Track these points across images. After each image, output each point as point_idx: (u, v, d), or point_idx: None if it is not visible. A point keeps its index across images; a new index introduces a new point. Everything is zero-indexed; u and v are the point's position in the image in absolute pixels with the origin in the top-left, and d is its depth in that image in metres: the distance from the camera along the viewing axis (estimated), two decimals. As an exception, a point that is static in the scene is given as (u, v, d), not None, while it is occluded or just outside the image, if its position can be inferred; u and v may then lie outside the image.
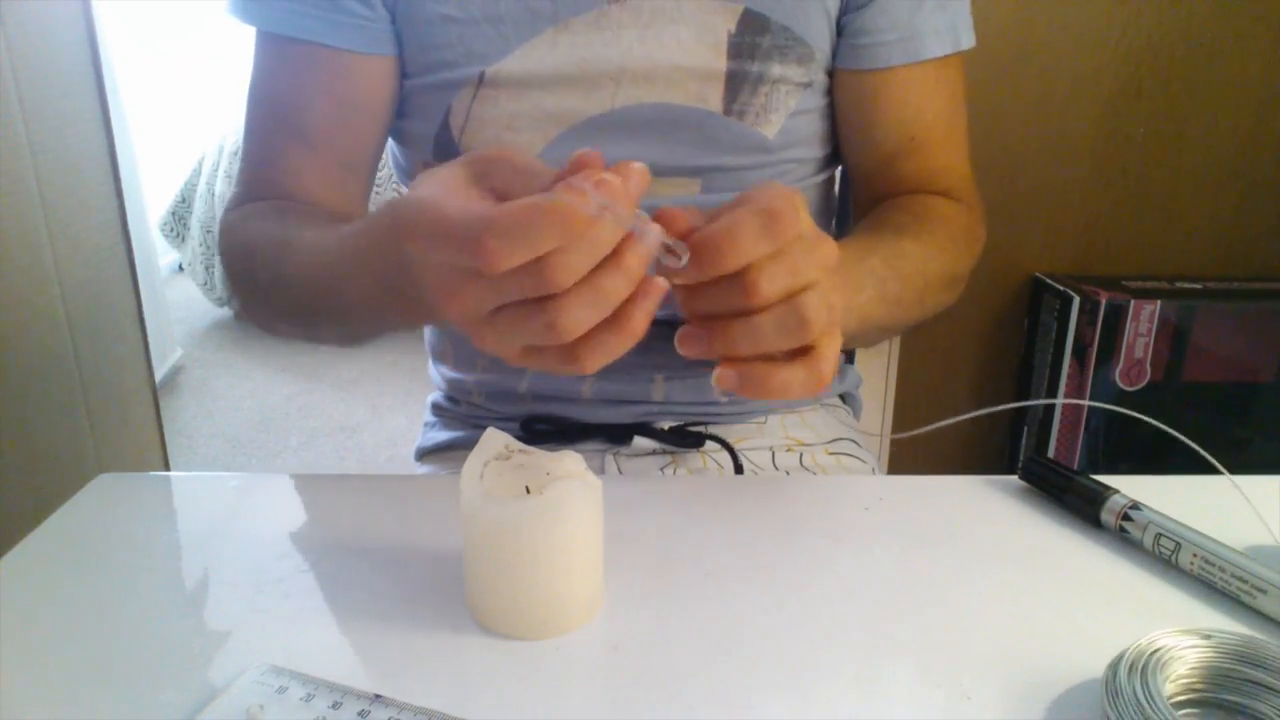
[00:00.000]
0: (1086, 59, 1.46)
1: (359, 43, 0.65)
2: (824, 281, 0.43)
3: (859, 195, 0.75)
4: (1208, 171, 1.51)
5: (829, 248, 0.43)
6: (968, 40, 0.70)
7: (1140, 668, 0.37)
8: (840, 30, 0.68)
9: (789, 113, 0.67)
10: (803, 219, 0.42)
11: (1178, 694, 0.39)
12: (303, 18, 0.64)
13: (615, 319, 0.39)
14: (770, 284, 0.41)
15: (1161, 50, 1.45)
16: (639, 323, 0.40)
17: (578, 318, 0.38)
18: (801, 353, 0.44)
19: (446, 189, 0.40)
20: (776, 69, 0.65)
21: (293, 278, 0.58)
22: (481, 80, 0.64)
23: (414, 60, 0.66)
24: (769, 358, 0.44)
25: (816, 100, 0.69)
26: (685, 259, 0.40)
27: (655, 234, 0.39)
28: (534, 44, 0.64)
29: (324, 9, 0.64)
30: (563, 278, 0.37)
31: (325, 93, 0.66)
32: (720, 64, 0.65)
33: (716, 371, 0.44)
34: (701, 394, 0.72)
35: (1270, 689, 0.38)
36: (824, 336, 0.43)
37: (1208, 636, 0.39)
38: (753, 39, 0.65)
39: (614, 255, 0.38)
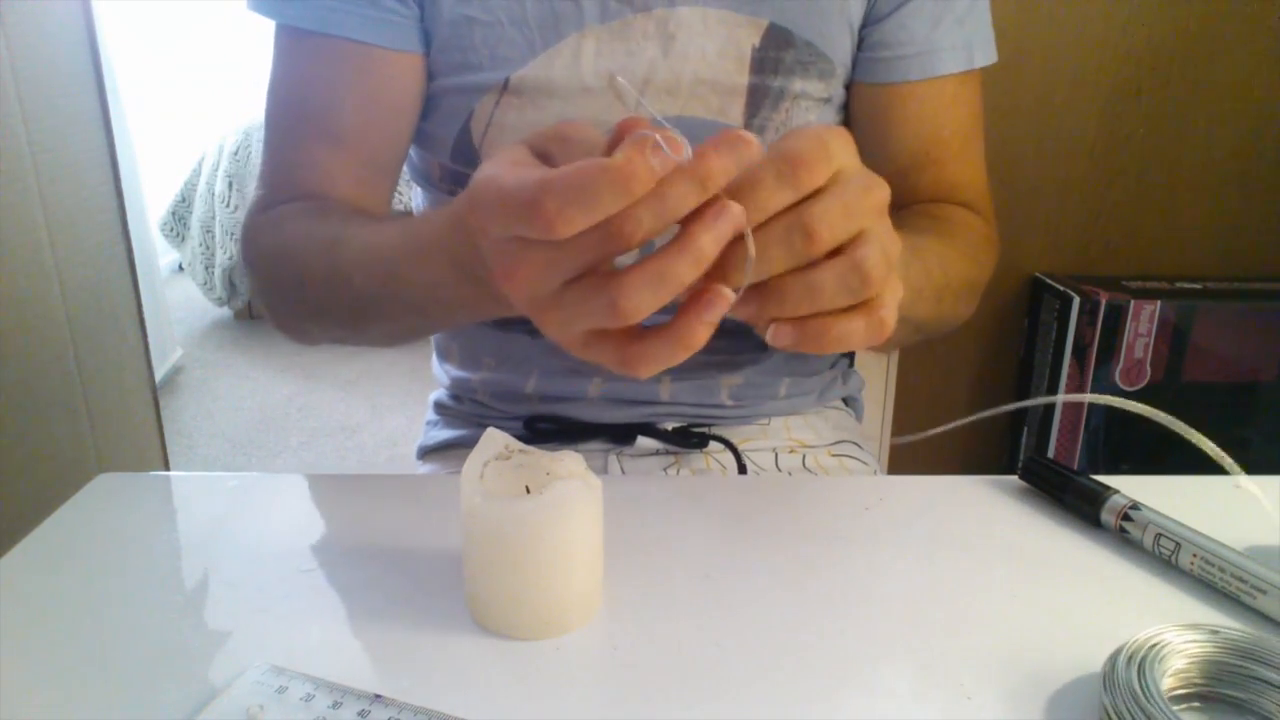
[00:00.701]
0: (1086, 59, 1.46)
1: (389, 38, 0.64)
2: (878, 226, 0.40)
3: None
4: (1208, 171, 1.51)
5: (882, 190, 0.40)
6: (983, 58, 0.69)
7: (1139, 660, 0.37)
8: (860, 43, 0.67)
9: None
10: (842, 160, 0.39)
11: (1177, 687, 0.39)
12: (332, 12, 0.63)
13: (675, 329, 0.37)
14: (826, 227, 0.37)
15: (1161, 50, 1.45)
16: (700, 335, 0.38)
17: (640, 299, 0.36)
18: (861, 303, 0.40)
19: (508, 163, 0.39)
20: (798, 84, 0.65)
21: (350, 273, 0.56)
22: (506, 86, 0.64)
23: (438, 61, 0.65)
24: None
25: (833, 116, 0.69)
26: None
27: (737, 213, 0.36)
28: (558, 49, 0.63)
29: (354, 3, 0.63)
30: (631, 231, 0.35)
31: (354, 89, 0.65)
32: (743, 78, 0.64)
33: (771, 329, 0.40)
34: (708, 395, 0.72)
35: (1271, 684, 0.38)
36: (884, 285, 0.40)
37: (1210, 631, 0.39)
38: (776, 54, 0.64)
39: (683, 234, 0.36)
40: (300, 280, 0.61)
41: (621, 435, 0.72)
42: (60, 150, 1.20)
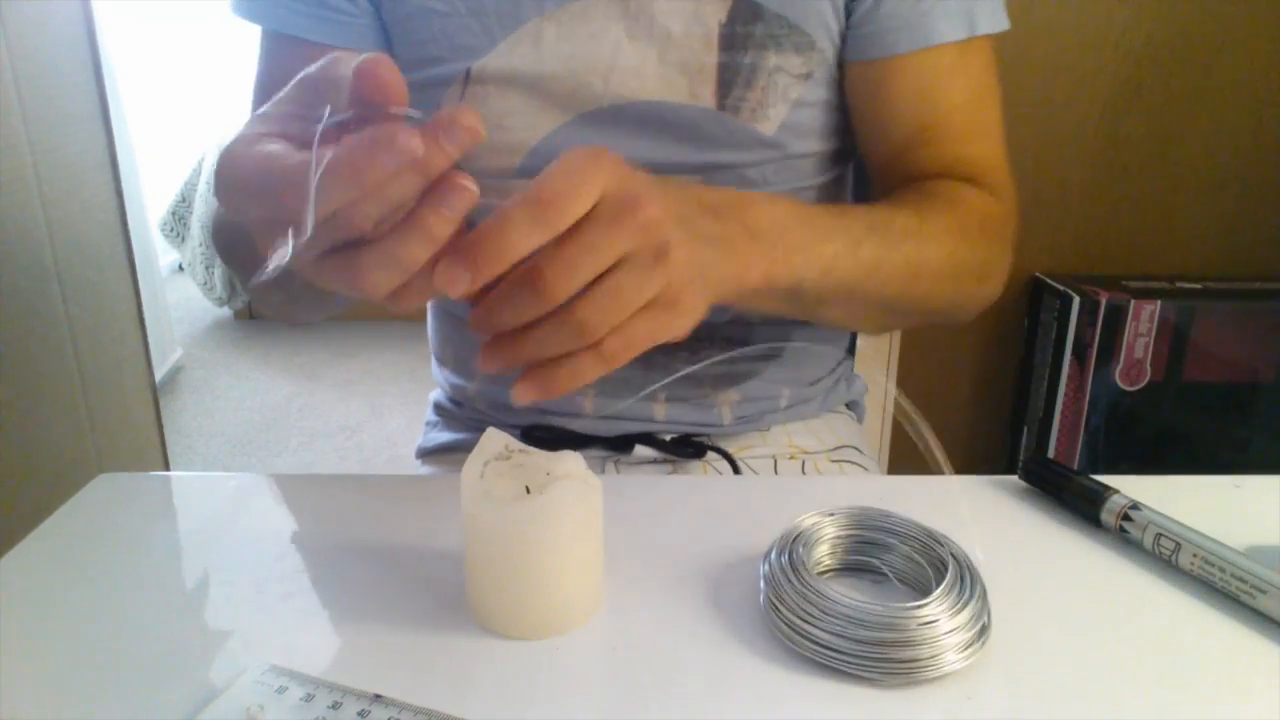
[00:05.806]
0: (1086, 59, 1.46)
1: (342, 38, 0.64)
2: (644, 249, 0.40)
3: (878, 192, 0.71)
4: (1208, 171, 1.51)
5: (647, 208, 0.40)
6: (989, 24, 0.65)
7: (788, 547, 0.45)
8: (849, 19, 0.64)
9: (789, 105, 0.64)
10: (604, 184, 0.39)
11: (821, 560, 0.47)
12: (290, 13, 0.64)
13: (409, 222, 0.37)
14: (562, 279, 0.39)
15: (1161, 50, 1.45)
16: (437, 229, 0.38)
17: (378, 278, 0.38)
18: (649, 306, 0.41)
19: (259, 137, 0.38)
20: (772, 59, 0.63)
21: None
22: (468, 78, 0.63)
23: (401, 57, 0.65)
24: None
25: (819, 93, 0.66)
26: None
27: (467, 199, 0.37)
28: (519, 36, 0.62)
29: (308, 4, 0.63)
30: (360, 222, 0.36)
31: None
32: (711, 57, 0.62)
33: (515, 387, 0.43)
34: (704, 415, 0.71)
35: (884, 546, 0.47)
36: (613, 320, 0.40)
37: (833, 514, 0.48)
38: (745, 29, 0.62)
39: (412, 215, 0.37)
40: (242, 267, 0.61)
41: (619, 444, 0.71)
42: (60, 150, 1.20)
